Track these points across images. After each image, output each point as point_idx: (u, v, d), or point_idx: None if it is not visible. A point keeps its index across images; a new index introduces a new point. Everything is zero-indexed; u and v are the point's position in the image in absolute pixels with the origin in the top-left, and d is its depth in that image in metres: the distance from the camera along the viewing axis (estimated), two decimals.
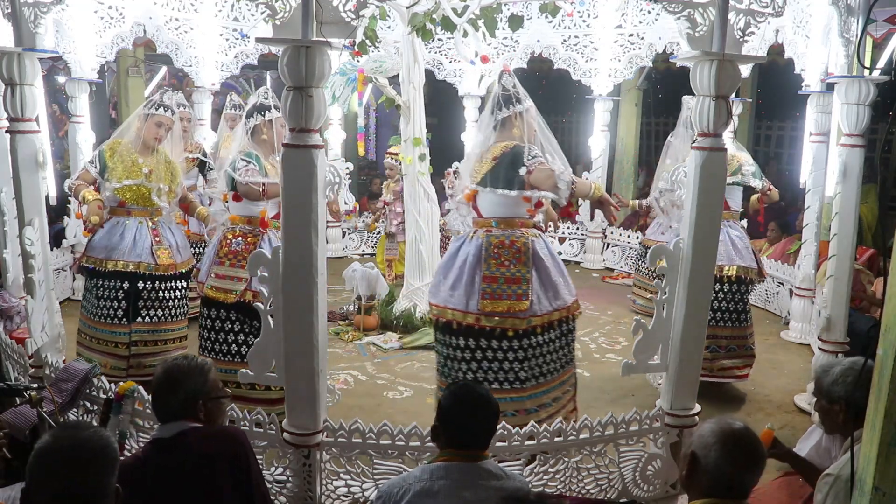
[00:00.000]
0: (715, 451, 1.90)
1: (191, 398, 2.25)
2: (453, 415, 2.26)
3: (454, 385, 2.36)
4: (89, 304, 4.15)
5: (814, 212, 5.13)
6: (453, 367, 3.37)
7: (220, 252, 3.70)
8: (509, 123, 3.34)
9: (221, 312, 3.65)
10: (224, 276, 3.64)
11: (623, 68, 6.39)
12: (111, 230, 4.09)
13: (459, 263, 3.34)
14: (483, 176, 3.32)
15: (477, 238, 3.36)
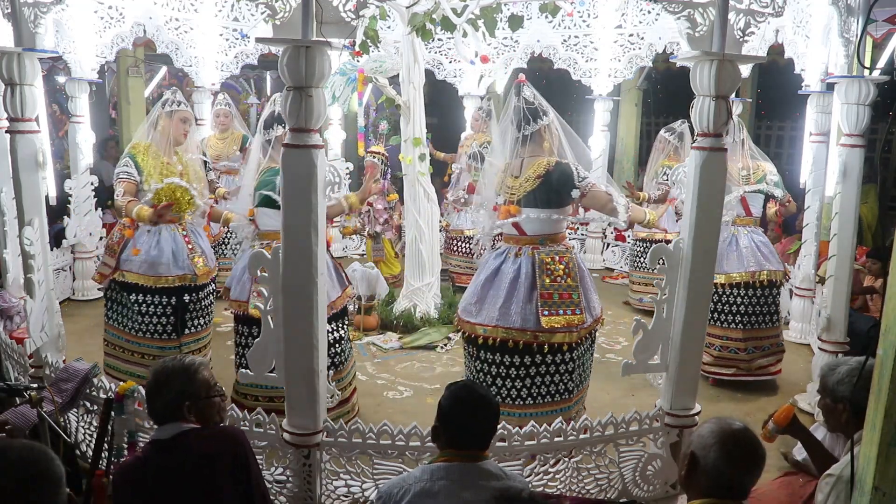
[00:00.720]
0: (714, 452, 1.90)
1: (175, 400, 2.22)
2: (454, 415, 2.26)
3: (454, 386, 2.36)
4: (129, 320, 3.99)
5: (814, 212, 5.13)
6: (497, 385, 3.34)
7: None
8: (539, 137, 3.36)
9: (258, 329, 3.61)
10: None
11: (623, 68, 6.39)
12: (147, 241, 3.94)
13: (508, 282, 3.33)
14: (526, 195, 3.32)
15: (525, 256, 3.35)
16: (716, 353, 4.50)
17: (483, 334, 3.34)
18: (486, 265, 3.46)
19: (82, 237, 5.79)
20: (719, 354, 4.51)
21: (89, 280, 6.09)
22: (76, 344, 4.72)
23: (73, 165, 5.82)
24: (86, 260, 6.05)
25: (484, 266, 3.49)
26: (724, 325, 4.49)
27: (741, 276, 4.43)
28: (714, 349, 4.49)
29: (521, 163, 3.38)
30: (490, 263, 3.44)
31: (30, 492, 1.59)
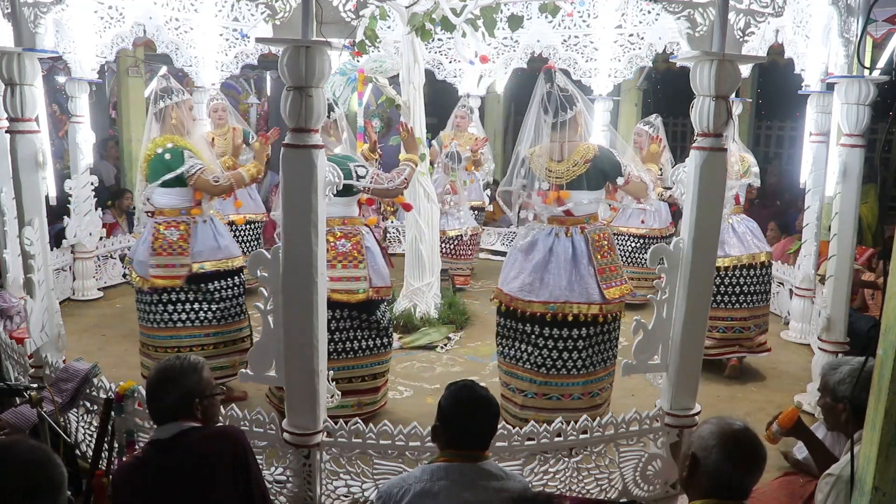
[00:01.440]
0: (715, 452, 1.90)
1: (187, 397, 2.25)
2: (454, 415, 2.26)
3: (454, 386, 2.36)
4: (206, 312, 4.02)
5: (814, 212, 5.13)
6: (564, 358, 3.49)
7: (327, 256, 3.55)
8: (574, 123, 3.51)
9: (343, 312, 3.66)
10: (340, 278, 3.62)
11: (623, 68, 6.38)
12: (206, 230, 4.08)
13: (566, 260, 3.49)
14: (577, 178, 3.47)
15: (577, 235, 3.54)
16: (719, 335, 4.66)
17: (552, 311, 3.45)
18: (537, 247, 3.56)
19: (82, 237, 5.80)
20: (722, 336, 4.68)
21: (89, 280, 6.10)
22: (76, 344, 4.73)
23: (73, 165, 5.82)
24: (86, 260, 6.04)
25: (533, 247, 3.57)
26: (729, 307, 4.69)
27: (747, 258, 4.69)
28: (717, 331, 4.65)
29: (560, 147, 3.50)
30: (542, 244, 3.55)
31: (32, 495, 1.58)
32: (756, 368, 4.85)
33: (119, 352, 4.88)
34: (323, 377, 2.97)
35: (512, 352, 3.63)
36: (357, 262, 3.66)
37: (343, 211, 3.72)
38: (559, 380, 3.51)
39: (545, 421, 3.25)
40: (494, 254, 8.09)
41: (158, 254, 3.93)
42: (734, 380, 4.63)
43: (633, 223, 6.16)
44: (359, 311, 3.69)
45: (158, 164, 3.88)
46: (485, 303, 6.19)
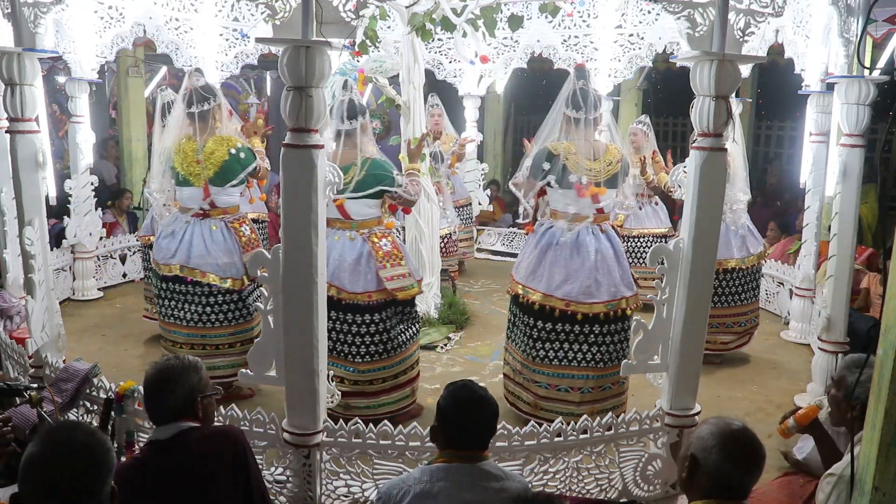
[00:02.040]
0: (715, 453, 1.89)
1: (189, 396, 2.26)
2: (453, 415, 2.26)
3: (453, 386, 2.36)
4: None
5: (814, 212, 5.13)
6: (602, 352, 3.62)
7: (377, 256, 3.67)
8: (599, 123, 3.67)
9: (396, 309, 3.75)
10: (394, 277, 3.68)
11: (623, 68, 6.38)
12: None
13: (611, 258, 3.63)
14: (611, 177, 3.64)
15: (608, 231, 3.70)
16: (741, 328, 4.89)
17: (612, 308, 3.59)
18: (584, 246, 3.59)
19: (82, 237, 5.80)
20: (743, 329, 4.90)
21: (89, 280, 6.10)
22: (76, 344, 4.73)
23: (73, 165, 5.82)
24: (86, 260, 6.05)
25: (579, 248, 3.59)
26: (748, 302, 4.89)
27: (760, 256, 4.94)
28: (739, 325, 4.88)
29: (590, 147, 3.61)
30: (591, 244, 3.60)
31: (88, 476, 1.65)
32: (756, 368, 4.85)
33: (119, 352, 4.88)
34: (323, 377, 2.97)
35: (562, 353, 3.63)
36: (400, 259, 3.74)
37: (374, 213, 3.77)
38: (613, 370, 3.64)
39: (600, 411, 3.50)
40: (494, 254, 8.09)
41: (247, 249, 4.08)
42: (735, 379, 4.63)
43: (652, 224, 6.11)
44: (406, 305, 3.81)
45: (236, 164, 4.01)
46: (485, 303, 6.19)
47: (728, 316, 4.83)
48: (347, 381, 3.68)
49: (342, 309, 3.64)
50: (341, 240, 3.69)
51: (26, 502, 1.65)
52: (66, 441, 1.67)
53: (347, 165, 3.62)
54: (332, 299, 3.52)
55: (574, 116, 3.60)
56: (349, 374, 3.69)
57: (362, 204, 3.70)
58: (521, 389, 3.79)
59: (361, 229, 3.72)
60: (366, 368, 3.68)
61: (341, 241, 3.69)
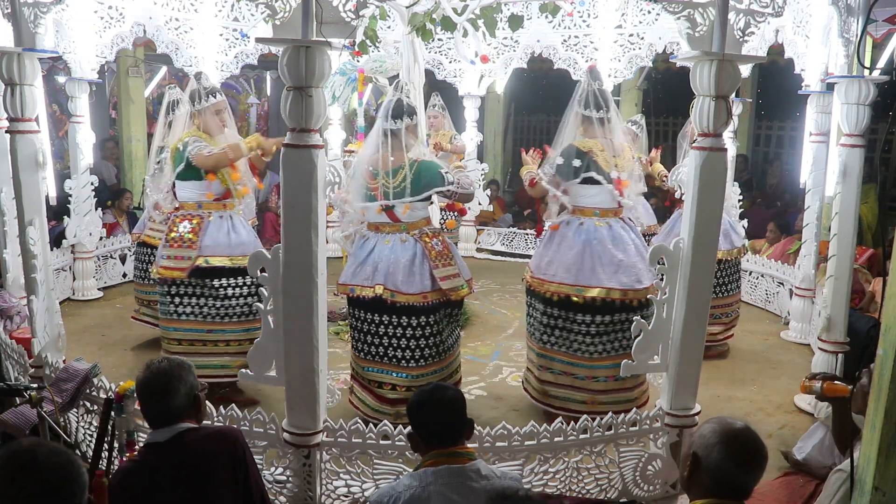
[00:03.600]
0: (717, 452, 1.89)
1: (190, 394, 2.27)
2: (424, 418, 2.28)
3: (418, 392, 2.38)
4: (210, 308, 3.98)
5: (814, 212, 5.13)
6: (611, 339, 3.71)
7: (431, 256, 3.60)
8: (615, 121, 3.77)
9: (448, 311, 3.69)
10: (447, 277, 3.61)
11: (623, 68, 6.38)
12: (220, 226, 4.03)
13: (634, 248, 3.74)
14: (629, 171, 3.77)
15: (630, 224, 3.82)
16: (727, 320, 5.03)
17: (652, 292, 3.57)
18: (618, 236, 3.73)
19: (82, 237, 5.80)
20: (730, 320, 5.06)
21: (89, 280, 6.10)
22: (76, 344, 4.72)
23: (73, 165, 5.82)
24: (86, 260, 6.04)
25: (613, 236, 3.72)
26: (735, 293, 5.08)
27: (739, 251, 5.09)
28: (726, 317, 5.02)
29: (612, 145, 3.73)
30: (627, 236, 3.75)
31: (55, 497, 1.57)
32: (756, 368, 4.85)
33: (119, 351, 4.88)
34: (323, 377, 2.97)
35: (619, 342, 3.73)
36: (449, 259, 3.68)
37: (422, 214, 3.69)
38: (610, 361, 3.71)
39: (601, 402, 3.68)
40: (494, 254, 8.09)
41: (170, 245, 3.98)
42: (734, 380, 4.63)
43: None
44: (454, 307, 3.74)
45: (177, 157, 3.98)
46: (485, 303, 6.19)
47: (717, 307, 4.88)
48: (400, 387, 3.58)
49: (396, 312, 3.53)
50: (392, 242, 3.59)
51: None
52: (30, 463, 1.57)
53: (396, 168, 3.52)
54: (385, 302, 3.50)
55: (596, 116, 3.71)
56: (403, 381, 3.58)
57: (412, 206, 3.58)
58: (572, 391, 3.77)
59: (412, 230, 3.62)
60: (419, 373, 3.58)
61: (392, 243, 3.58)
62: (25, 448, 1.65)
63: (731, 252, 4.96)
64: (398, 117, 3.55)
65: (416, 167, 3.53)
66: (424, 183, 3.53)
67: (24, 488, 1.54)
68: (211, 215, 4.03)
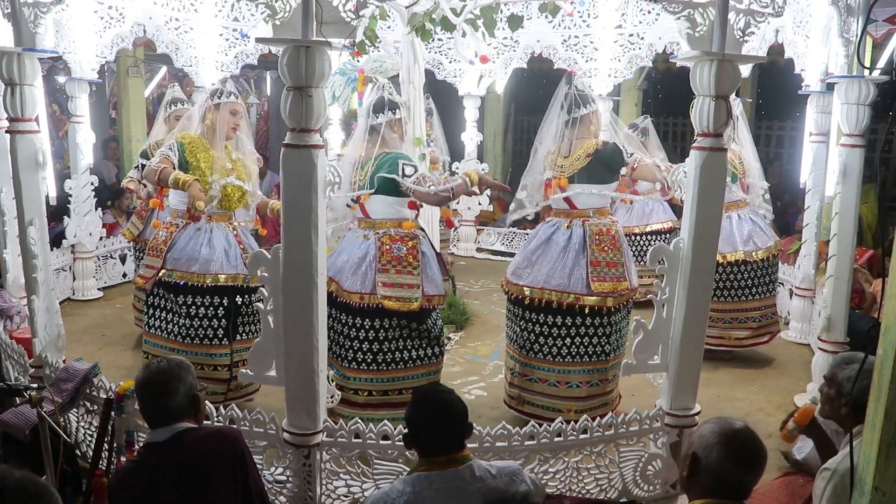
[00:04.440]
0: (717, 452, 1.89)
1: (189, 394, 2.28)
2: (421, 422, 2.26)
3: (417, 393, 2.37)
4: (175, 326, 3.71)
5: (814, 212, 5.13)
6: (539, 343, 3.68)
7: (381, 259, 3.48)
8: (587, 121, 3.74)
9: (392, 321, 3.48)
10: (394, 284, 3.45)
11: (623, 68, 6.38)
12: (194, 238, 3.73)
13: (559, 249, 3.68)
14: (578, 172, 3.68)
15: (576, 227, 3.71)
16: (755, 325, 4.87)
17: (529, 295, 3.67)
18: (538, 235, 3.81)
19: (82, 237, 5.80)
20: (759, 325, 4.88)
21: (89, 280, 6.10)
22: (76, 344, 4.72)
23: (73, 165, 5.82)
24: (86, 260, 6.04)
25: (535, 236, 3.84)
26: (763, 297, 4.88)
27: (775, 247, 4.91)
28: (753, 321, 4.86)
29: (570, 144, 3.73)
30: (542, 233, 3.80)
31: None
32: (756, 368, 4.85)
33: (119, 351, 4.88)
34: (323, 377, 2.97)
35: (509, 332, 3.89)
36: (412, 268, 3.49)
37: (396, 213, 3.57)
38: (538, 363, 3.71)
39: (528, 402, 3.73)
40: (494, 254, 8.09)
41: (149, 253, 3.87)
42: (735, 379, 4.63)
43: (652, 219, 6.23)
44: (409, 320, 3.51)
45: None
46: (485, 303, 6.19)
47: (739, 311, 4.82)
48: (336, 384, 3.53)
49: (337, 307, 3.52)
50: (359, 238, 3.58)
51: None
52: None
53: (365, 161, 3.52)
54: (331, 295, 3.43)
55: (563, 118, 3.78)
56: (337, 378, 3.55)
57: (380, 202, 3.54)
58: None
59: (378, 229, 3.55)
60: (352, 375, 3.52)
61: (358, 239, 3.58)
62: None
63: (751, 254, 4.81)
64: (379, 112, 3.60)
65: (379, 158, 3.51)
66: (379, 173, 3.48)
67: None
68: (188, 225, 3.77)
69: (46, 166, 3.65)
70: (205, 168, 3.71)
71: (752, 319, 4.84)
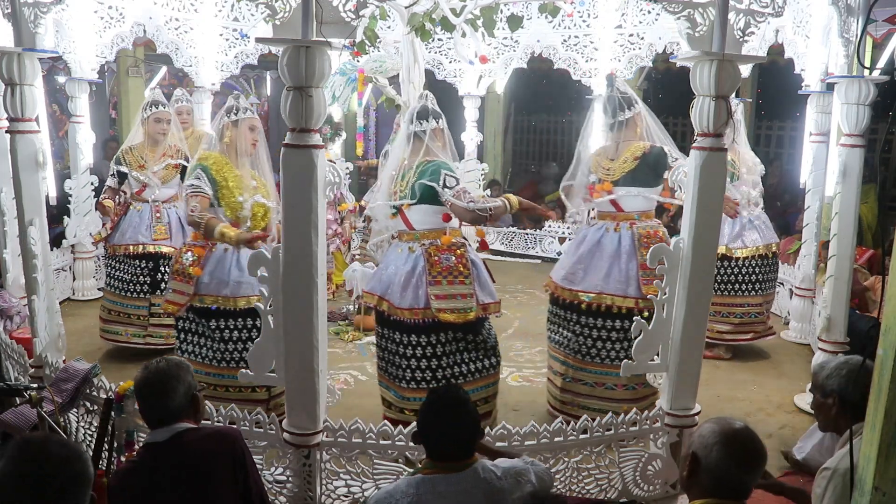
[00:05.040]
0: (716, 452, 1.89)
1: (188, 394, 2.28)
2: (432, 425, 2.22)
3: (433, 393, 2.32)
4: (207, 350, 3.59)
5: (814, 212, 5.13)
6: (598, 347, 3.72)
7: (431, 272, 3.33)
8: (632, 123, 3.76)
9: (448, 334, 3.35)
10: (447, 296, 3.30)
11: (623, 68, 6.38)
12: (222, 260, 3.56)
13: (609, 253, 3.71)
14: (624, 175, 3.70)
15: (624, 230, 3.72)
16: (736, 320, 4.94)
17: (587, 300, 3.69)
18: (586, 239, 3.83)
19: (82, 237, 5.80)
20: (740, 322, 4.94)
21: (89, 280, 6.10)
22: (76, 344, 4.73)
23: (73, 165, 5.83)
24: (86, 260, 6.05)
25: (582, 240, 3.85)
26: (745, 294, 4.93)
27: (763, 248, 4.93)
28: (735, 317, 4.93)
29: (616, 147, 3.78)
30: (590, 237, 3.81)
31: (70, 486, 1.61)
32: (756, 368, 4.85)
33: (119, 351, 4.88)
34: (323, 377, 2.97)
35: (557, 337, 3.87)
36: (463, 277, 3.34)
37: (440, 222, 3.41)
38: (593, 367, 3.72)
39: (582, 406, 3.70)
40: (494, 253, 8.09)
41: (174, 278, 3.61)
42: (735, 380, 4.63)
43: None
44: (465, 332, 3.38)
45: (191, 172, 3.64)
46: None
47: (721, 305, 4.87)
48: (394, 406, 3.47)
49: (390, 326, 3.40)
50: (403, 251, 3.42)
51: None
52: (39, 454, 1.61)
53: (407, 170, 3.40)
54: (383, 315, 3.41)
55: (605, 121, 3.85)
56: (395, 400, 3.46)
57: (422, 211, 3.38)
58: None
59: (424, 240, 3.40)
60: (410, 395, 3.37)
61: (403, 252, 3.42)
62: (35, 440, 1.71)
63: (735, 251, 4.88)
64: (423, 119, 3.42)
65: (420, 167, 3.36)
66: (420, 181, 3.33)
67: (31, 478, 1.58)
68: (215, 247, 3.57)
69: (46, 166, 3.65)
70: (233, 187, 3.55)
71: (735, 315, 4.92)
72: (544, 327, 4.05)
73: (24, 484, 1.57)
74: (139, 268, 4.75)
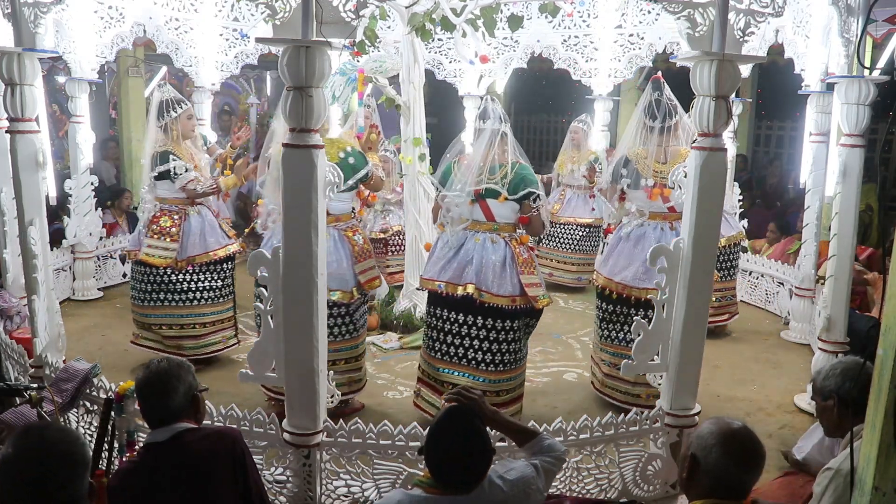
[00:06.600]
0: (715, 452, 1.89)
1: (188, 394, 2.28)
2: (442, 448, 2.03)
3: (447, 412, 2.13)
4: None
5: (814, 212, 5.13)
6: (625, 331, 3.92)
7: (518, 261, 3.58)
8: (676, 129, 3.95)
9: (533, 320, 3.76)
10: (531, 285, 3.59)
11: (623, 68, 6.38)
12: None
13: None
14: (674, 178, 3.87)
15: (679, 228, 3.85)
16: (716, 304, 5.14)
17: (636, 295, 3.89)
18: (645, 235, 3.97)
19: (82, 237, 5.80)
20: (719, 305, 5.24)
21: (89, 280, 6.10)
22: (76, 344, 4.72)
23: (73, 165, 5.83)
24: (86, 260, 6.05)
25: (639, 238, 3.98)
26: (725, 279, 5.26)
27: (737, 236, 5.37)
28: (714, 301, 4.99)
29: (664, 151, 3.94)
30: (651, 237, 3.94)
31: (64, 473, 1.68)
32: (756, 368, 4.85)
33: (119, 351, 4.88)
34: (323, 377, 2.97)
35: (609, 333, 4.03)
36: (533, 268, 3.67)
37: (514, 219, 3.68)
38: None
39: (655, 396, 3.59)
40: None
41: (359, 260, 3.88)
42: (735, 380, 4.63)
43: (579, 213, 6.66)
44: (534, 317, 3.75)
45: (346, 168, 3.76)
46: None
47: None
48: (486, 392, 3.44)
49: (483, 313, 3.54)
50: (482, 241, 3.60)
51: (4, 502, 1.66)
52: (38, 440, 1.70)
53: (497, 166, 3.58)
54: (473, 302, 3.51)
55: (653, 125, 3.94)
56: (478, 385, 3.53)
57: (507, 207, 3.59)
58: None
59: (502, 233, 3.62)
60: (496, 378, 3.58)
61: (482, 242, 3.59)
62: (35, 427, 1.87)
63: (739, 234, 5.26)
64: (503, 121, 3.67)
65: (517, 168, 3.59)
66: (523, 183, 3.55)
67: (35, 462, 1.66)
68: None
69: (46, 166, 3.65)
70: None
71: (715, 299, 5.03)
72: (544, 327, 4.06)
73: (27, 466, 1.65)
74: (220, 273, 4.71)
